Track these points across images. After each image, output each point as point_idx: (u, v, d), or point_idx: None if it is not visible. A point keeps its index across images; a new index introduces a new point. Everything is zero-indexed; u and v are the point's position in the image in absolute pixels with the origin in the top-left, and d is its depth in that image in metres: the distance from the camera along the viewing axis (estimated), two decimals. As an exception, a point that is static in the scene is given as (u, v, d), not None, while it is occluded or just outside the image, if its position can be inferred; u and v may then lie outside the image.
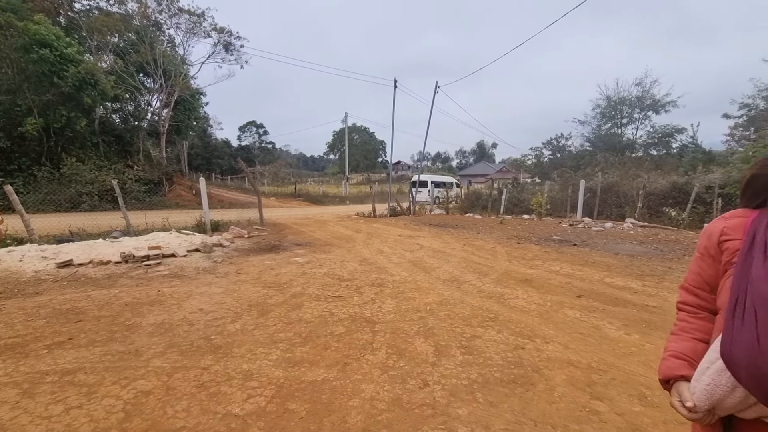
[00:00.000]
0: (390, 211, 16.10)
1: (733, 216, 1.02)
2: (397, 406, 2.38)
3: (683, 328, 1.07)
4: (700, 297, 1.07)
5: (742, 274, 0.89)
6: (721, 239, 1.00)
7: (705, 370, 0.92)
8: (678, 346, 1.04)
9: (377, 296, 4.57)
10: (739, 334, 0.84)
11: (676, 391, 0.98)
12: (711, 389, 0.89)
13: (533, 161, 26.68)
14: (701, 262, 1.06)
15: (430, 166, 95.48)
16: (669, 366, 1.02)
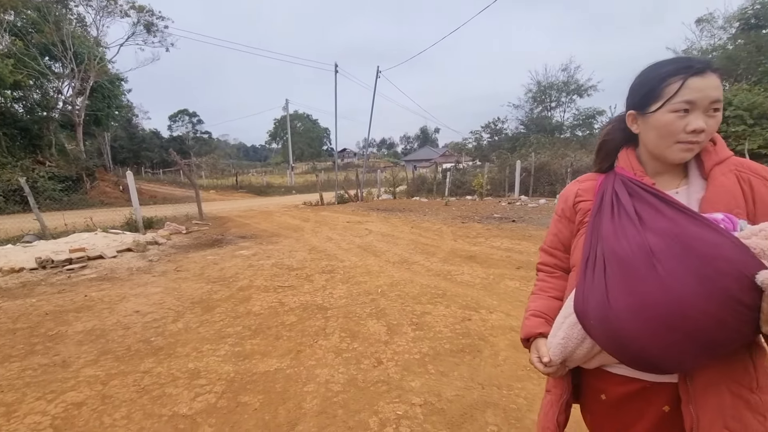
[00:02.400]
0: (338, 199, 15.97)
1: (586, 179, 1.05)
2: (353, 386, 2.41)
3: (542, 288, 1.09)
4: (556, 257, 1.09)
5: (593, 233, 0.92)
6: (575, 201, 1.02)
7: (560, 325, 0.94)
8: (537, 305, 1.06)
9: (328, 283, 4.55)
10: (590, 289, 0.86)
11: (534, 348, 0.99)
12: (564, 342, 0.91)
13: (474, 144, 27.76)
14: (558, 224, 1.08)
15: (376, 152, 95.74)
16: (529, 325, 1.02)
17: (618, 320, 0.78)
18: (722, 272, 0.69)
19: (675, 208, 0.81)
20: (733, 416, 0.77)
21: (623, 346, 0.80)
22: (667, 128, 0.83)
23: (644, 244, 0.79)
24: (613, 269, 0.81)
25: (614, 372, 0.90)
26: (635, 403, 0.88)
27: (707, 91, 0.80)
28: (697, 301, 0.70)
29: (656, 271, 0.75)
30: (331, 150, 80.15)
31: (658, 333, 0.74)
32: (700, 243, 0.73)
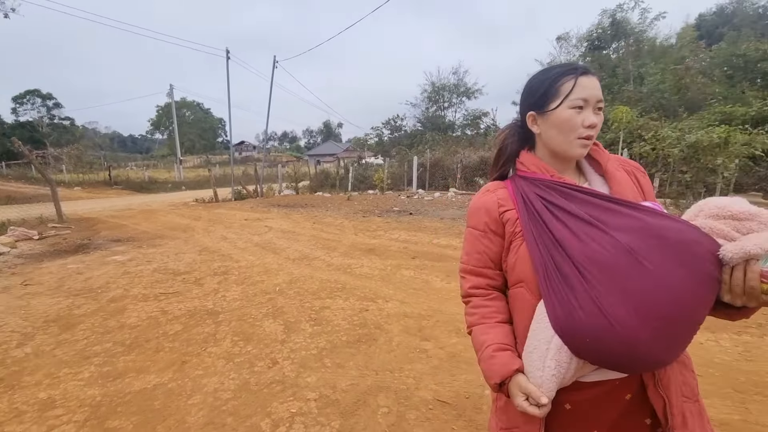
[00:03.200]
0: (235, 195, 14.94)
1: (496, 188, 0.98)
2: (245, 390, 2.31)
3: (485, 315, 0.94)
4: (488, 276, 0.97)
5: (540, 240, 0.85)
6: (501, 211, 0.94)
7: (544, 356, 0.81)
8: (493, 337, 0.90)
9: (221, 285, 4.25)
10: (570, 304, 0.77)
11: (517, 389, 0.82)
12: (559, 373, 0.79)
13: (375, 140, 28.48)
14: (484, 240, 0.95)
15: (278, 146, 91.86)
16: (501, 363, 0.86)
17: (624, 326, 0.72)
18: (699, 255, 0.72)
19: (624, 205, 0.82)
20: (683, 383, 0.85)
21: (632, 355, 0.73)
22: (568, 123, 0.86)
23: (619, 243, 0.76)
24: (594, 275, 0.76)
25: (585, 380, 0.84)
26: (602, 402, 0.85)
27: (595, 90, 0.86)
28: (689, 287, 0.71)
29: (645, 267, 0.73)
30: (227, 142, 74.47)
31: (663, 329, 0.72)
32: (669, 232, 0.74)
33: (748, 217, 0.73)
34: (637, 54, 19.76)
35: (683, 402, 0.83)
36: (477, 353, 0.92)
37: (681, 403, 0.83)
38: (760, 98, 12.31)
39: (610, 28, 20.12)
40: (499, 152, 1.02)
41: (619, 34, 20.10)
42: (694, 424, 0.83)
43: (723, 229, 0.73)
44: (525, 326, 0.86)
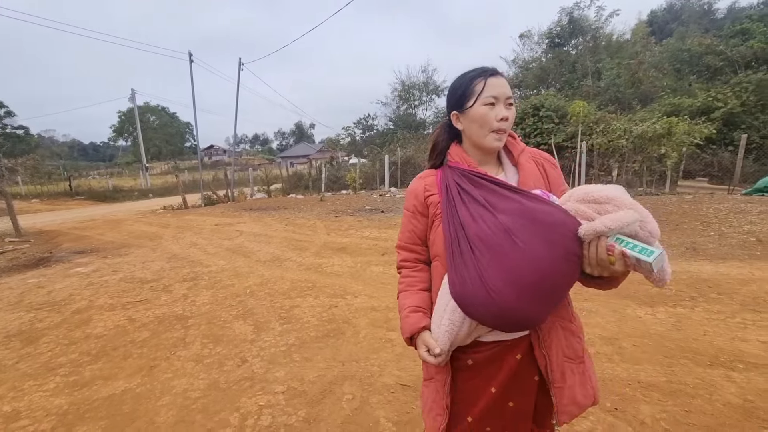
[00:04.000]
0: (205, 201, 14.64)
1: (427, 175, 1.12)
2: (214, 389, 2.38)
3: (409, 284, 1.10)
4: (416, 251, 1.12)
5: (450, 221, 0.98)
6: (426, 195, 1.08)
7: (442, 314, 0.97)
8: (411, 301, 1.06)
9: (190, 291, 4.25)
10: (463, 273, 0.92)
11: (421, 343, 1.00)
12: (450, 329, 0.95)
13: (347, 140, 28.51)
14: (413, 220, 1.10)
15: (249, 149, 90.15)
16: (411, 322, 1.02)
17: (499, 295, 0.86)
18: (562, 234, 0.85)
19: (512, 190, 0.96)
20: (566, 346, 1.00)
21: (507, 317, 0.89)
22: (483, 118, 0.99)
23: (500, 224, 0.90)
24: (482, 252, 0.90)
25: (483, 340, 0.99)
26: (496, 360, 1.00)
27: (503, 88, 1.00)
28: (552, 261, 0.85)
29: (517, 245, 0.86)
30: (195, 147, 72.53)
31: (532, 296, 0.87)
32: (540, 214, 0.88)
33: (606, 201, 0.85)
34: (594, 50, 20.64)
35: (564, 361, 0.99)
36: (400, 315, 1.08)
37: (562, 362, 0.98)
38: (705, 90, 13.18)
39: (569, 25, 20.92)
40: (432, 146, 1.16)
41: (576, 31, 20.94)
42: (573, 381, 0.99)
43: (586, 211, 0.87)
44: (437, 293, 1.02)
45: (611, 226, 0.80)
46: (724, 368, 2.31)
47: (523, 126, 14.62)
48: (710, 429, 1.83)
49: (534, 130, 14.41)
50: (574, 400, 0.99)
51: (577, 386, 1.00)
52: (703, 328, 2.81)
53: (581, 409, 1.00)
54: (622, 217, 0.80)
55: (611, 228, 0.80)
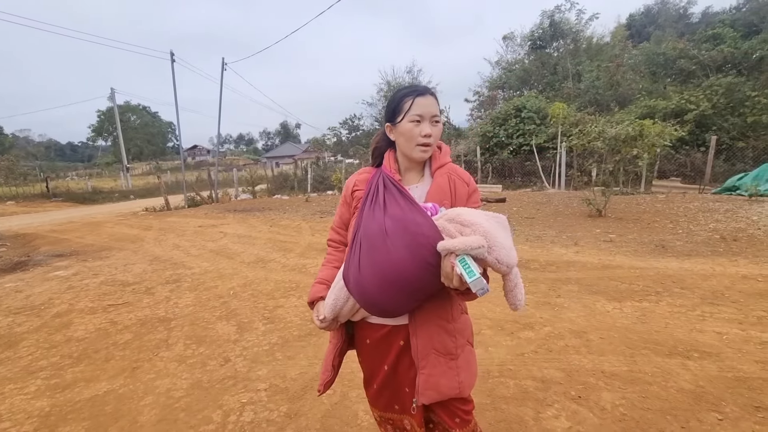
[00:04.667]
0: (188, 202, 14.47)
1: (363, 172, 1.28)
2: (197, 388, 2.43)
3: (329, 260, 1.32)
4: (340, 234, 1.32)
5: (360, 215, 1.16)
6: (353, 189, 1.25)
7: (332, 290, 1.18)
8: (323, 274, 1.28)
9: (173, 293, 4.26)
10: (350, 262, 1.12)
11: (315, 309, 1.23)
12: (334, 303, 1.16)
13: (333, 140, 28.48)
14: (342, 207, 1.30)
15: (233, 149, 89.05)
16: (313, 292, 1.25)
17: (365, 284, 1.06)
18: (422, 244, 0.98)
19: (405, 198, 1.10)
20: (438, 340, 1.14)
21: (370, 302, 1.09)
22: (409, 133, 1.13)
23: (383, 225, 1.05)
24: (364, 246, 1.08)
25: (372, 322, 1.20)
26: (385, 342, 1.19)
27: (429, 107, 1.13)
28: (408, 265, 0.99)
29: (386, 245, 1.02)
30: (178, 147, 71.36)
31: (389, 290, 1.03)
32: (412, 224, 1.02)
33: (468, 225, 0.97)
34: (575, 53, 21.14)
35: (432, 352, 1.13)
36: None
37: (429, 352, 1.13)
38: (678, 92, 13.66)
39: (550, 28, 21.36)
40: (372, 150, 1.32)
41: (557, 34, 21.40)
42: (438, 371, 1.13)
43: (450, 229, 0.98)
44: None
45: (458, 246, 0.90)
46: (681, 357, 2.48)
47: (506, 127, 14.91)
48: (663, 412, 1.98)
49: (516, 131, 14.71)
50: (435, 386, 1.13)
51: (442, 376, 1.13)
52: (665, 321, 2.99)
53: (441, 396, 1.14)
54: (469, 241, 0.91)
55: (458, 248, 0.90)
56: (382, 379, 1.24)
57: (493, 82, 24.65)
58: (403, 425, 1.27)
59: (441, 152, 1.23)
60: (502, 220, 1.03)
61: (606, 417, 1.98)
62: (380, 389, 1.26)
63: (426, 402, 1.14)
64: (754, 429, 1.84)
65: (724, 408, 1.99)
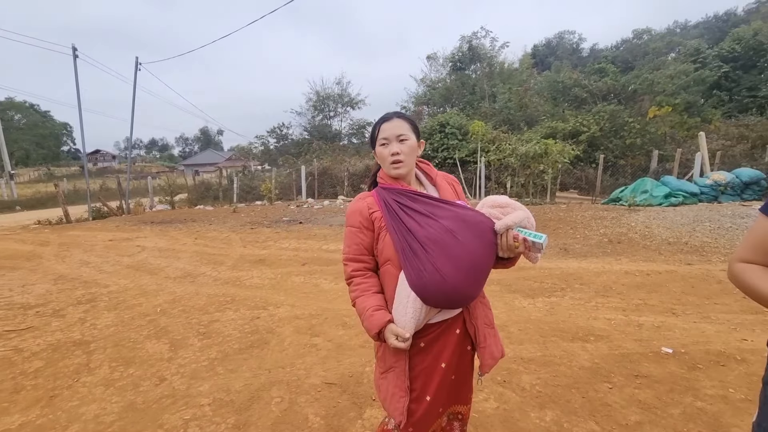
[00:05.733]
0: (94, 213, 12.91)
1: (366, 196, 1.33)
2: (131, 410, 2.30)
3: (364, 289, 1.25)
4: (364, 261, 1.29)
5: (398, 229, 1.20)
6: (370, 212, 1.27)
7: (405, 306, 1.17)
8: (372, 302, 1.22)
9: (88, 314, 3.87)
10: (419, 268, 1.15)
11: (390, 333, 1.16)
12: (415, 316, 1.16)
13: (260, 149, 27.55)
14: (360, 234, 1.28)
15: (144, 155, 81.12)
16: (378, 318, 1.18)
17: (451, 278, 1.14)
18: (484, 230, 1.19)
19: (445, 202, 1.26)
20: (484, 316, 1.35)
21: (458, 295, 1.18)
22: (381, 155, 1.30)
23: (443, 227, 1.18)
24: (433, 249, 1.16)
25: (431, 322, 1.24)
26: (442, 338, 1.26)
27: (393, 129, 1.27)
28: (482, 249, 1.18)
29: (458, 240, 1.16)
30: (76, 151, 63.14)
31: (473, 276, 1.18)
32: (469, 217, 1.21)
33: (506, 205, 1.24)
34: (490, 75, 23.27)
35: (485, 328, 1.35)
36: (360, 317, 1.24)
37: (484, 329, 1.34)
38: (574, 116, 15.80)
39: (468, 52, 23.28)
40: (372, 176, 1.43)
41: (475, 57, 23.40)
42: (490, 341, 1.35)
43: (495, 213, 1.23)
44: (393, 291, 1.22)
45: (515, 221, 1.18)
46: (581, 341, 2.96)
47: (431, 141, 15.82)
48: (569, 387, 2.38)
49: (441, 145, 15.69)
50: (492, 355, 1.34)
51: (493, 345, 1.36)
52: (569, 312, 3.53)
53: (496, 361, 1.35)
54: (519, 215, 1.19)
55: (515, 222, 1.19)
56: (439, 380, 1.25)
57: (418, 98, 26.02)
58: (440, 425, 1.35)
59: (429, 166, 1.42)
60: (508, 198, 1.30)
61: (525, 395, 2.32)
62: (436, 395, 1.25)
63: (488, 371, 1.34)
64: (633, 392, 2.30)
65: (612, 378, 2.45)
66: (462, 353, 1.31)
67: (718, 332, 3.04)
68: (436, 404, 1.27)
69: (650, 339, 2.95)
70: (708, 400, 2.21)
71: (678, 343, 2.86)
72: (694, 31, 35.49)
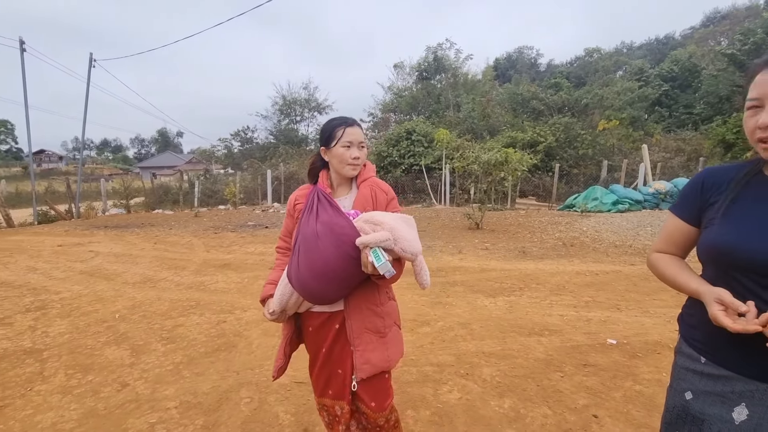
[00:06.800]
0: (40, 217, 12.03)
1: (303, 189, 1.51)
2: (92, 416, 2.23)
3: (277, 265, 1.53)
4: (286, 242, 1.53)
5: (299, 224, 1.39)
6: (295, 203, 1.48)
7: (279, 286, 1.41)
8: (272, 276, 1.49)
9: (38, 322, 3.66)
10: (292, 261, 1.35)
11: (266, 305, 1.45)
12: (280, 297, 1.38)
13: (223, 152, 26.79)
14: (287, 219, 1.53)
15: (96, 156, 76.33)
16: (264, 291, 1.47)
17: (304, 278, 1.29)
18: (344, 242, 1.24)
19: (332, 207, 1.34)
20: (369, 321, 1.39)
21: (309, 293, 1.32)
22: (341, 156, 1.40)
23: (315, 229, 1.29)
24: (301, 247, 1.31)
25: (314, 311, 1.43)
26: (324, 327, 1.42)
27: (357, 135, 1.41)
28: (334, 258, 1.24)
29: (318, 245, 1.26)
30: (17, 151, 58.58)
31: (322, 280, 1.27)
32: (336, 226, 1.27)
33: (380, 223, 1.25)
34: (454, 86, 24.03)
35: (365, 332, 1.38)
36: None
37: (363, 332, 1.37)
38: (532, 127, 16.67)
39: (434, 62, 23.94)
40: (309, 170, 1.55)
41: (440, 68, 24.10)
42: (371, 347, 1.38)
43: (366, 228, 1.25)
44: None
45: (371, 241, 1.18)
46: (537, 336, 3.18)
47: (398, 147, 16.12)
48: (525, 377, 2.56)
49: (408, 152, 16.01)
50: (369, 361, 1.37)
51: (373, 352, 1.38)
52: (526, 310, 3.76)
53: (375, 369, 1.38)
54: (378, 236, 1.19)
55: (371, 242, 1.18)
56: (321, 361, 1.46)
57: (386, 105, 26.37)
58: (335, 411, 1.47)
59: (365, 169, 1.49)
60: (408, 219, 1.35)
61: (486, 386, 2.47)
62: (319, 371, 1.48)
63: (364, 376, 1.36)
64: (582, 379, 2.53)
65: (564, 368, 2.67)
66: (344, 350, 1.40)
67: (655, 324, 3.37)
68: (321, 383, 1.48)
69: (597, 332, 3.22)
70: (645, 383, 2.47)
71: (621, 335, 3.14)
72: (638, 51, 38.50)
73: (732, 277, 0.89)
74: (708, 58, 24.72)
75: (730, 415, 0.90)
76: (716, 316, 0.84)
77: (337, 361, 1.43)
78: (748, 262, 0.86)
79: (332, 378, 1.45)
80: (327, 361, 1.45)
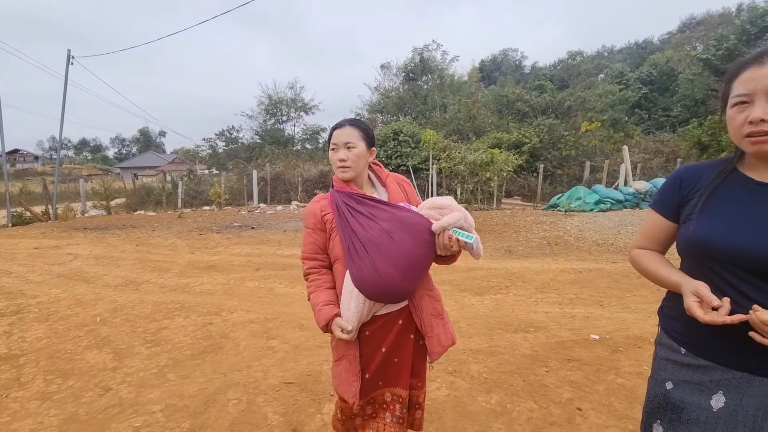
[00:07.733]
0: (14, 219, 11.63)
1: (320, 199, 1.44)
2: (74, 422, 2.18)
3: (318, 285, 1.40)
4: (319, 259, 1.42)
5: (344, 231, 1.32)
6: (322, 215, 1.39)
7: (349, 301, 1.30)
8: (323, 297, 1.36)
9: (14, 327, 3.54)
10: (360, 267, 1.27)
11: (336, 326, 1.31)
12: (357, 311, 1.29)
13: (208, 152, 26.36)
14: (314, 234, 1.41)
15: (73, 156, 74.17)
16: (326, 312, 1.33)
17: (386, 277, 1.26)
18: (419, 230, 1.28)
19: (386, 204, 1.35)
20: (431, 307, 1.42)
21: (393, 291, 1.30)
22: (332, 159, 1.39)
23: (382, 228, 1.28)
24: (372, 249, 1.27)
25: (376, 315, 1.36)
26: (384, 328, 1.37)
27: (343, 136, 1.36)
28: (417, 248, 1.28)
29: (394, 240, 1.26)
30: (-11, 151, 56.17)
31: (408, 273, 1.29)
32: (406, 219, 1.30)
33: (444, 207, 1.32)
34: (441, 87, 24.17)
35: (432, 318, 1.43)
36: (313, 311, 1.38)
37: (430, 319, 1.42)
38: (517, 128, 16.90)
39: (420, 63, 24.05)
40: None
41: (427, 69, 24.22)
42: (438, 330, 1.43)
43: (433, 214, 1.31)
44: (342, 287, 1.35)
45: (450, 222, 1.27)
46: (523, 332, 3.23)
47: (385, 148, 16.13)
48: (512, 372, 2.60)
49: (395, 153, 16.05)
50: (440, 343, 1.42)
51: (441, 334, 1.44)
52: (512, 307, 3.82)
53: (444, 349, 1.44)
54: (455, 216, 1.27)
55: (450, 224, 1.27)
56: (378, 362, 1.39)
57: (372, 105, 26.37)
58: (383, 398, 1.44)
59: (380, 168, 1.51)
60: (451, 198, 1.40)
61: (474, 382, 2.50)
62: (374, 373, 1.40)
63: (437, 358, 1.42)
64: (566, 374, 2.58)
65: (549, 363, 2.72)
66: (403, 340, 1.41)
67: (636, 320, 3.46)
68: (375, 379, 1.40)
69: (581, 328, 3.29)
70: (627, 376, 2.53)
71: (604, 330, 3.22)
72: (618, 55, 39.41)
73: (711, 269, 0.93)
74: (684, 63, 25.49)
75: (708, 403, 0.94)
76: (690, 306, 0.87)
77: (394, 354, 1.40)
78: (725, 255, 0.89)
79: (386, 370, 1.41)
80: (385, 360, 1.40)
